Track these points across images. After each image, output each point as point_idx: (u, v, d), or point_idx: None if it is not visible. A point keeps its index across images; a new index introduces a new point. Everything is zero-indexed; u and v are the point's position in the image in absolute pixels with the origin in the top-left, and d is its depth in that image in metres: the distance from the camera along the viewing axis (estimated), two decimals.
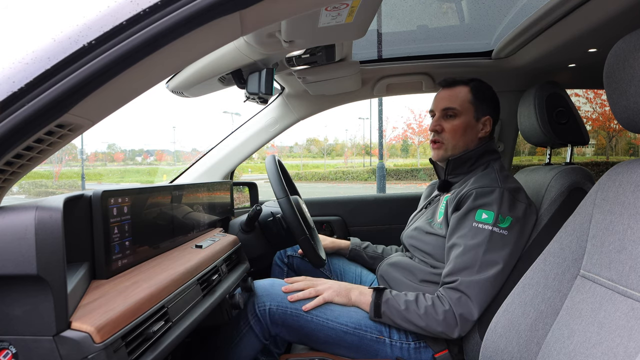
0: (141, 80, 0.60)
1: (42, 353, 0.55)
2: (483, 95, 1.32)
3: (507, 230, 1.12)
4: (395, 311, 1.13)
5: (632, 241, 0.73)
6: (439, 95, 1.36)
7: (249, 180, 2.24)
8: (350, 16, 0.90)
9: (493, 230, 1.12)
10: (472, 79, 1.34)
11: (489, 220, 1.13)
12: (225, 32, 0.61)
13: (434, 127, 1.33)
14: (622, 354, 0.66)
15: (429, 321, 1.09)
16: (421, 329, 1.11)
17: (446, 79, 1.37)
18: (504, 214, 1.13)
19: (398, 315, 1.12)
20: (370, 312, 1.15)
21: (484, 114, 1.32)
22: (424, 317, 1.10)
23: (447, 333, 1.10)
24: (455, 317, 1.09)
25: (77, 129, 0.58)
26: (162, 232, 1.00)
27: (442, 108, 1.32)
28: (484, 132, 1.32)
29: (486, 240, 1.11)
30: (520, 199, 1.17)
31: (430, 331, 1.11)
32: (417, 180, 19.43)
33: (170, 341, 0.73)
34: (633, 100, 0.77)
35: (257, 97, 1.28)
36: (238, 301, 1.13)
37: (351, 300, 1.20)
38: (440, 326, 1.09)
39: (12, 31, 0.56)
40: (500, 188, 1.16)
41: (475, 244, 1.12)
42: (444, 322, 1.09)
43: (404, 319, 1.12)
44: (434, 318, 1.09)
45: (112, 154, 38.08)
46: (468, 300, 1.09)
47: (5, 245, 0.55)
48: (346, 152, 34.15)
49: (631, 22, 1.12)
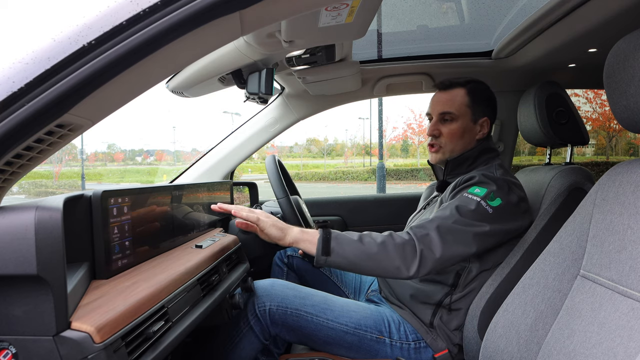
0: (141, 80, 0.60)
1: (42, 353, 0.55)
2: (480, 97, 1.31)
3: (492, 209, 1.09)
4: (347, 244, 1.02)
5: (632, 241, 0.73)
6: (435, 98, 1.35)
7: (249, 180, 2.24)
8: (350, 16, 0.90)
9: (480, 202, 1.09)
10: (468, 80, 1.33)
11: (479, 194, 1.11)
12: (225, 32, 0.61)
13: (431, 132, 1.31)
14: (622, 354, 0.66)
15: (386, 252, 1.00)
16: (374, 264, 1.01)
17: (442, 82, 1.34)
18: (495, 194, 1.11)
19: (350, 249, 1.01)
20: (318, 249, 1.02)
21: (481, 116, 1.31)
22: (380, 248, 1.01)
23: (403, 267, 1.00)
24: (416, 251, 1.01)
25: (77, 129, 0.58)
26: (162, 232, 1.00)
27: (439, 112, 1.31)
28: (482, 134, 1.31)
29: (469, 208, 1.08)
30: (515, 192, 1.16)
31: (384, 267, 1.01)
32: (417, 180, 19.43)
33: (170, 341, 0.73)
34: (633, 100, 0.77)
35: (257, 97, 1.28)
36: (238, 301, 1.13)
37: (288, 235, 1.07)
38: (397, 259, 1.00)
39: (12, 31, 0.56)
40: (499, 178, 1.16)
41: (457, 205, 1.09)
42: (402, 252, 1.01)
43: (357, 253, 1.01)
44: (392, 247, 1.01)
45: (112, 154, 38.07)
46: (434, 239, 1.03)
47: (5, 245, 0.55)
48: (346, 152, 34.15)
49: (631, 22, 1.12)
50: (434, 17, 1.57)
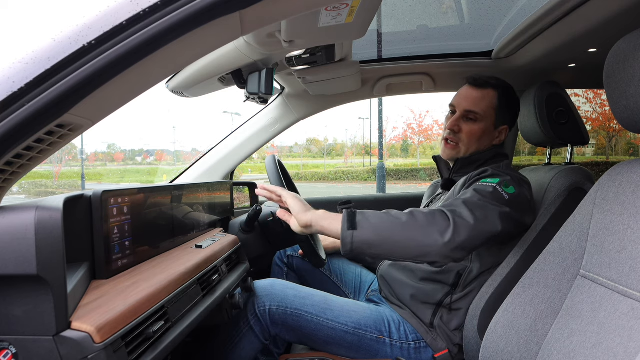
0: (141, 80, 0.60)
1: (42, 353, 0.55)
2: (508, 104, 1.29)
3: (508, 195, 1.06)
4: (373, 217, 0.96)
5: (632, 241, 0.73)
6: (464, 93, 1.30)
7: (249, 180, 2.24)
8: (350, 16, 0.90)
9: (496, 187, 1.06)
10: (501, 83, 1.29)
11: (494, 182, 1.08)
12: (225, 32, 0.61)
13: (452, 126, 1.28)
14: (622, 354, 0.66)
15: (415, 220, 0.94)
16: (406, 234, 0.93)
17: (476, 78, 1.29)
18: (509, 183, 1.09)
19: (377, 221, 0.95)
20: (344, 223, 0.95)
21: (503, 123, 1.29)
22: (409, 217, 0.94)
23: (437, 234, 0.93)
24: (448, 218, 0.95)
25: (77, 129, 0.58)
26: (162, 232, 1.00)
27: (465, 109, 1.27)
28: (498, 140, 1.30)
29: (488, 191, 1.04)
30: (525, 188, 1.14)
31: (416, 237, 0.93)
32: (417, 180, 19.42)
33: (170, 341, 0.73)
34: (633, 100, 0.77)
35: (257, 97, 1.28)
36: (238, 301, 1.13)
37: (310, 212, 1.01)
38: (429, 226, 0.93)
39: (12, 31, 0.56)
40: (511, 173, 1.15)
41: (475, 189, 1.06)
42: (433, 219, 0.94)
43: (385, 225, 0.94)
44: (421, 215, 0.95)
45: (112, 154, 38.05)
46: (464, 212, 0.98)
47: (5, 245, 0.55)
48: (346, 152, 34.14)
49: (631, 22, 1.12)
50: (434, 17, 1.57)
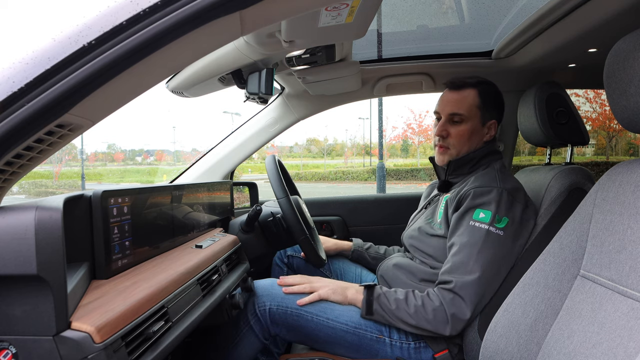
0: (141, 80, 0.60)
1: (42, 353, 0.55)
2: (490, 99, 1.30)
3: (503, 230, 1.12)
4: (387, 309, 1.14)
5: (632, 241, 0.73)
6: (445, 98, 1.32)
7: (249, 180, 2.24)
8: (350, 16, 0.90)
9: (489, 229, 1.12)
10: (480, 80, 1.30)
11: (485, 220, 1.13)
12: (225, 32, 0.61)
13: (440, 132, 1.30)
14: (622, 354, 0.66)
15: (419, 320, 1.10)
16: (413, 327, 1.12)
17: (453, 81, 1.31)
18: (501, 214, 1.13)
19: (389, 313, 1.13)
20: (363, 309, 1.16)
21: (490, 119, 1.30)
22: (414, 316, 1.11)
23: (438, 331, 1.10)
24: (447, 316, 1.09)
25: (77, 129, 0.58)
26: (162, 232, 1.00)
27: (449, 113, 1.29)
28: (489, 136, 1.31)
29: (481, 240, 1.11)
30: (518, 200, 1.16)
31: (421, 329, 1.12)
32: (417, 180, 19.42)
33: (170, 341, 0.73)
34: (633, 100, 0.77)
35: (257, 97, 1.28)
36: (238, 301, 1.13)
37: (347, 298, 1.20)
38: (430, 324, 1.10)
39: (12, 31, 0.56)
40: (499, 188, 1.16)
41: (471, 242, 1.12)
42: (434, 320, 1.09)
43: (395, 317, 1.13)
44: (423, 317, 1.10)
45: (112, 154, 38.06)
46: (462, 301, 1.09)
47: (5, 245, 0.55)
48: (346, 152, 34.14)
49: (631, 22, 1.12)
50: (434, 17, 1.57)
